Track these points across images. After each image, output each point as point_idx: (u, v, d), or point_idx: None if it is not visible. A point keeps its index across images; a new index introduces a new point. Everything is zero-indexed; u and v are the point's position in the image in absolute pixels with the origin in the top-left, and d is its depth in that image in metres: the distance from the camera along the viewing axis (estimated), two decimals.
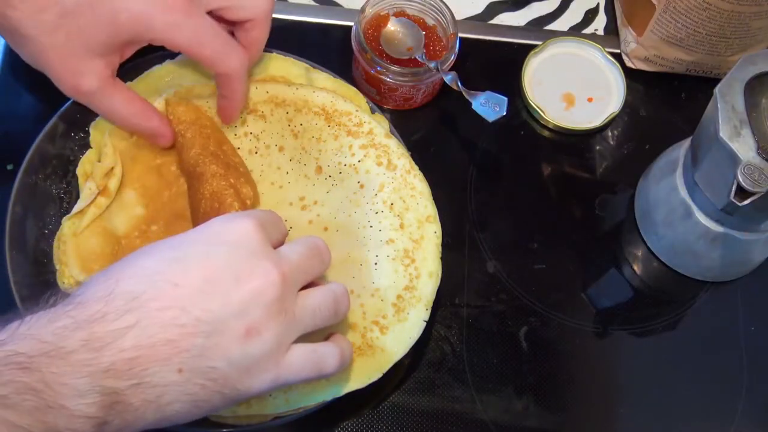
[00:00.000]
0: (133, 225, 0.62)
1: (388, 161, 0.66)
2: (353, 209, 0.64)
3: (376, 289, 0.61)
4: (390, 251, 0.63)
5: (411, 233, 0.64)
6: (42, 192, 0.63)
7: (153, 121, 0.62)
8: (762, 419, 0.67)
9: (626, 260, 0.73)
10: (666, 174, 0.69)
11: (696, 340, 0.70)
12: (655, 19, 0.74)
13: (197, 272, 0.46)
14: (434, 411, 0.64)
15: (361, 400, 0.63)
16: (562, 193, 0.75)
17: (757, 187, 0.56)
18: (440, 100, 0.76)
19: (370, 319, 0.60)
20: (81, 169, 0.64)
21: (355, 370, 0.58)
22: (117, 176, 0.63)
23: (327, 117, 0.67)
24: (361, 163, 0.66)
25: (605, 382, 0.68)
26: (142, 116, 0.61)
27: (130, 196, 0.64)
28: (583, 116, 0.77)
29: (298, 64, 0.70)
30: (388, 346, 0.60)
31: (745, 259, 0.70)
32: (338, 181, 0.65)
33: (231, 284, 0.46)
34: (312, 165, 0.66)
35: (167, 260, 0.47)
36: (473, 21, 0.82)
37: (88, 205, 0.61)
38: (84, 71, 0.56)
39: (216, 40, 0.57)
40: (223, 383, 0.46)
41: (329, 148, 0.66)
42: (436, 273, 0.63)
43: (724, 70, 0.77)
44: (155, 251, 0.48)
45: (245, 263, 0.47)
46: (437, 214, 0.65)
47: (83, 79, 0.56)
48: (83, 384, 0.41)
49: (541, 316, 0.69)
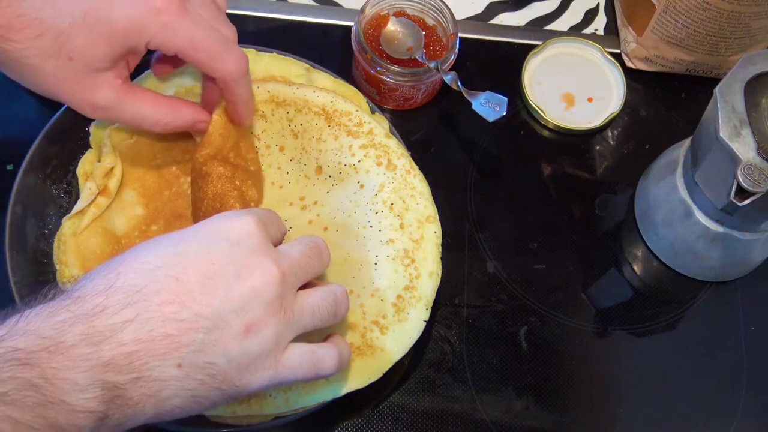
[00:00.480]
0: (133, 225, 0.63)
1: (388, 161, 0.66)
2: (353, 209, 0.64)
3: (376, 289, 0.61)
4: (390, 251, 0.63)
5: (411, 233, 0.64)
6: (42, 192, 0.63)
7: (187, 114, 0.60)
8: (762, 419, 0.67)
9: (626, 260, 0.73)
10: (666, 174, 0.69)
11: (696, 340, 0.70)
12: (655, 19, 0.74)
13: (198, 267, 0.46)
14: (434, 411, 0.64)
15: (361, 400, 0.63)
16: (562, 193, 0.75)
17: (757, 187, 0.56)
18: (440, 100, 0.76)
19: (370, 319, 0.60)
20: (81, 169, 0.64)
21: (355, 370, 0.58)
22: (117, 176, 0.63)
23: (327, 117, 0.67)
24: (361, 163, 0.66)
25: (605, 382, 0.68)
26: (173, 113, 0.59)
27: (130, 196, 0.64)
28: (583, 116, 0.77)
29: (298, 63, 0.70)
30: (388, 346, 0.60)
31: (745, 259, 0.70)
32: (338, 181, 0.65)
33: (232, 280, 0.46)
34: (312, 165, 0.66)
35: (169, 255, 0.47)
36: (473, 21, 0.82)
37: (88, 205, 0.62)
38: (96, 86, 0.55)
39: (211, 42, 0.56)
40: (221, 379, 0.46)
41: (329, 148, 0.66)
42: (436, 273, 0.63)
43: (724, 70, 0.77)
44: (156, 246, 0.48)
45: (246, 260, 0.47)
46: (437, 214, 0.65)
47: (98, 94, 0.55)
48: (83, 379, 0.41)
49: (541, 316, 0.69)
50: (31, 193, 0.62)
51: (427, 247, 0.63)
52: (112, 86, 0.56)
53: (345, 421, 0.63)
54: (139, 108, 0.58)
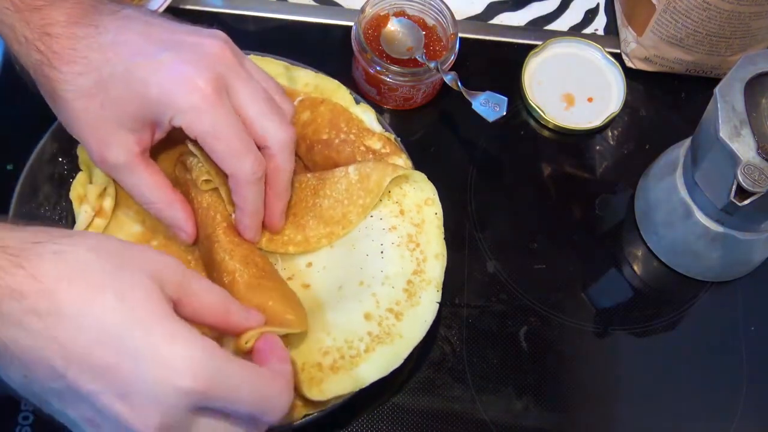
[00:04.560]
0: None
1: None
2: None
3: (386, 277, 0.61)
4: (394, 238, 0.63)
5: (412, 218, 0.63)
6: (38, 220, 0.62)
7: (176, 213, 0.60)
8: (762, 419, 0.67)
9: (626, 260, 0.73)
10: (666, 174, 0.69)
11: (696, 340, 0.70)
12: (655, 19, 0.74)
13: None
14: (434, 411, 0.64)
15: (362, 401, 0.63)
16: (562, 193, 0.75)
17: (757, 187, 0.56)
18: (440, 100, 0.76)
19: (385, 307, 0.60)
20: (74, 192, 0.64)
21: (377, 359, 0.58)
22: (111, 196, 0.63)
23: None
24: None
25: (605, 382, 0.68)
26: (165, 205, 0.59)
27: (126, 215, 0.64)
28: (583, 116, 0.77)
29: (277, 63, 0.70)
30: (405, 332, 0.59)
31: (745, 259, 0.70)
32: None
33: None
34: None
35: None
36: (473, 21, 0.82)
37: (85, 228, 0.61)
38: (113, 143, 0.55)
39: (233, 137, 0.54)
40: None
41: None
42: (442, 254, 0.62)
43: (724, 70, 0.77)
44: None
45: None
46: (436, 194, 0.64)
47: (111, 151, 0.55)
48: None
49: (541, 316, 0.69)
50: (27, 223, 0.62)
51: (430, 230, 0.63)
52: (127, 150, 0.56)
53: (345, 421, 0.63)
54: (139, 184, 0.58)
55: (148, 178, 0.58)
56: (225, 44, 0.56)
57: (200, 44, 0.55)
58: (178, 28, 0.57)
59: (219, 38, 0.56)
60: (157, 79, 0.53)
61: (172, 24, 0.57)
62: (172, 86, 0.53)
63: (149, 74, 0.53)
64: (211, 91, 0.53)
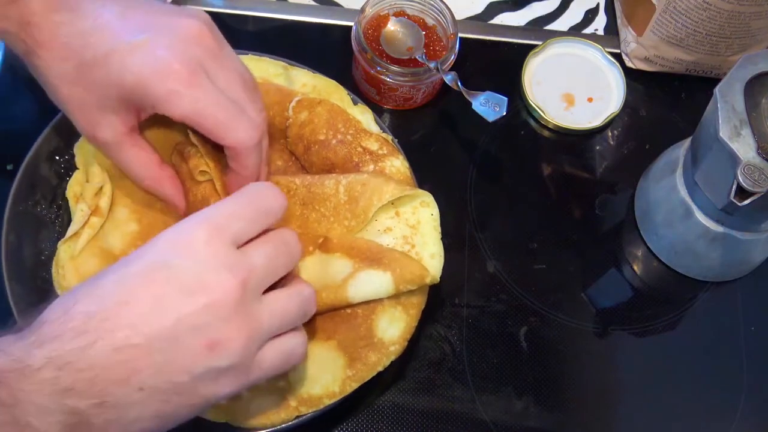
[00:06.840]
0: (128, 242, 0.62)
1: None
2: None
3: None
4: (389, 240, 0.62)
5: (407, 219, 0.63)
6: (34, 219, 0.63)
7: (166, 189, 0.61)
8: (762, 419, 0.67)
9: (626, 260, 0.73)
10: (666, 174, 0.69)
11: (696, 340, 0.70)
12: (655, 19, 0.74)
13: (145, 289, 0.45)
14: (434, 411, 0.64)
15: (361, 400, 0.63)
16: (562, 193, 0.75)
17: (757, 187, 0.56)
18: (440, 100, 0.76)
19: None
20: (70, 191, 0.64)
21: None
22: (107, 194, 0.62)
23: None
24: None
25: (605, 381, 0.68)
26: (155, 182, 0.60)
27: (123, 213, 0.63)
28: (583, 116, 0.77)
29: (276, 63, 0.69)
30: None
31: (745, 259, 0.70)
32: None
33: (181, 299, 0.45)
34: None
35: (117, 278, 0.46)
36: (473, 21, 0.82)
37: (82, 226, 0.61)
38: (101, 122, 0.56)
39: (220, 110, 0.54)
40: (189, 395, 0.45)
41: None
42: (438, 254, 0.62)
43: (724, 70, 0.77)
44: (112, 269, 0.47)
45: (196, 276, 0.46)
46: (431, 196, 0.64)
47: (99, 131, 0.56)
48: (48, 402, 0.41)
49: (541, 316, 0.69)
50: (23, 222, 0.62)
51: (426, 231, 0.63)
52: (114, 130, 0.56)
53: (345, 421, 0.63)
54: (129, 161, 0.58)
55: (136, 157, 0.59)
56: (204, 25, 0.55)
57: (179, 26, 0.54)
58: (159, 8, 0.55)
59: (199, 19, 0.55)
60: (133, 67, 0.52)
61: (153, 4, 0.56)
62: (148, 74, 0.52)
63: (126, 62, 0.53)
64: (187, 73, 0.53)
